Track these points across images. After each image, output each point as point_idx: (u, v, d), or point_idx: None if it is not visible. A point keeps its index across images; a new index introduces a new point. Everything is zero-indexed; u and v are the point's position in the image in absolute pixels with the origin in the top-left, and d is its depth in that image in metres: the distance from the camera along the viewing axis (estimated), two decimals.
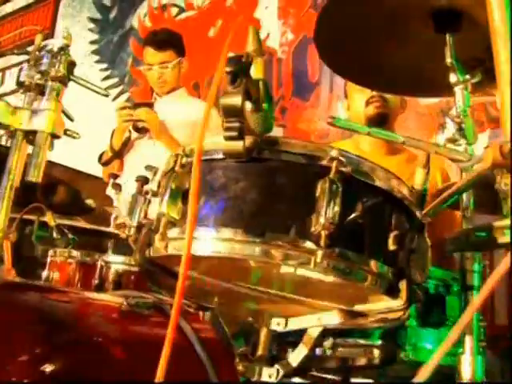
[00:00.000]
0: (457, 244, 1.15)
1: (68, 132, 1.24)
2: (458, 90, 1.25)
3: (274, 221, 0.91)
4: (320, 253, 0.87)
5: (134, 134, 3.18)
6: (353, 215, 0.90)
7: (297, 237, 0.90)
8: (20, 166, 1.23)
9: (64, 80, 1.24)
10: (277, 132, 4.35)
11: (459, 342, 1.29)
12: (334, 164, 0.92)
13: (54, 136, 1.22)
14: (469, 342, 1.14)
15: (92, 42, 6.00)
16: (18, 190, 1.23)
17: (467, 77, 1.25)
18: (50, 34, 6.13)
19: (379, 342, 1.27)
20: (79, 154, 4.35)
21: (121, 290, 1.57)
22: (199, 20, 5.09)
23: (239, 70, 0.85)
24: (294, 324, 1.13)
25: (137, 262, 1.06)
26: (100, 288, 1.86)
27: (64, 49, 1.25)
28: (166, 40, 3.20)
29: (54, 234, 2.00)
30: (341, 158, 0.92)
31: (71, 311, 1.13)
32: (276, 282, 1.06)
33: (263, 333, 1.13)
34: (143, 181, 1.10)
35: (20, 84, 1.29)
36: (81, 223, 2.44)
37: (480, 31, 1.28)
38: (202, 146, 0.82)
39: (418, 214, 1.02)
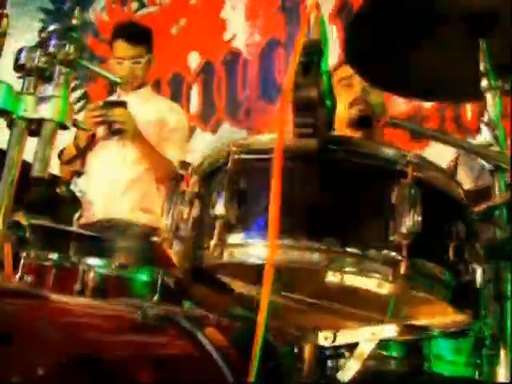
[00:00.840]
0: (492, 252, 1.12)
1: (77, 123, 1.11)
2: (489, 96, 1.22)
3: (345, 228, 0.83)
4: (403, 264, 0.80)
5: (99, 132, 3.01)
6: (428, 223, 0.84)
7: (373, 246, 0.82)
8: (21, 160, 1.10)
9: (73, 64, 1.11)
10: (240, 135, 4.27)
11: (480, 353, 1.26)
12: (410, 168, 0.85)
13: (63, 126, 1.09)
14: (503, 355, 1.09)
15: None
16: None
17: (499, 83, 1.22)
18: None
19: (403, 354, 1.21)
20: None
21: (120, 298, 1.44)
22: (162, 17, 4.95)
23: (314, 59, 0.76)
24: (344, 338, 1.04)
25: (183, 270, 0.94)
26: (81, 293, 1.72)
27: (73, 29, 1.13)
28: (140, 34, 3.07)
29: (27, 235, 1.84)
30: (418, 161, 0.86)
31: (84, 323, 1.01)
32: (325, 292, 0.97)
33: (309, 348, 1.04)
34: (178, 179, 0.98)
35: (19, 67, 1.15)
36: (45, 222, 2.27)
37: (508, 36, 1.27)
38: (283, 142, 0.72)
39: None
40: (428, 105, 3.35)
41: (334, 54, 3.81)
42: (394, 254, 0.83)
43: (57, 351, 0.91)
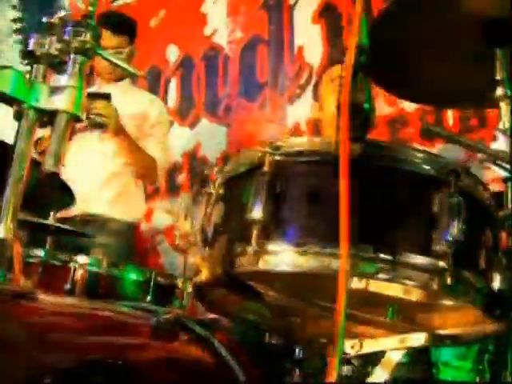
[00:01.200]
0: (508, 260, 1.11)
1: (91, 116, 1.05)
2: (503, 105, 1.21)
3: (387, 235, 0.80)
4: (449, 273, 0.78)
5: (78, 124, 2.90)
6: (470, 231, 0.82)
7: (417, 255, 0.79)
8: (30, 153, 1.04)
9: (89, 53, 1.05)
10: (219, 131, 4.22)
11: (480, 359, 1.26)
12: (454, 176, 0.83)
13: (77, 119, 1.03)
14: None
15: (14, 20, 5.55)
16: None
17: None
18: None
19: (411, 360, 1.20)
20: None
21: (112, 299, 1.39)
22: (140, 8, 4.83)
23: (362, 62, 0.73)
24: (371, 346, 1.02)
25: (209, 274, 0.89)
26: (71, 293, 1.65)
27: (90, 16, 1.06)
28: (123, 24, 2.98)
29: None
30: (461, 170, 0.84)
31: (98, 326, 0.95)
32: (353, 300, 0.94)
33: None
34: (203, 180, 0.93)
35: (27, 54, 1.08)
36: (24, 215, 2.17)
37: None
38: (347, 148, 0.69)
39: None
40: (410, 109, 3.36)
41: (318, 53, 3.82)
42: (439, 262, 0.81)
43: (71, 354, 0.86)
